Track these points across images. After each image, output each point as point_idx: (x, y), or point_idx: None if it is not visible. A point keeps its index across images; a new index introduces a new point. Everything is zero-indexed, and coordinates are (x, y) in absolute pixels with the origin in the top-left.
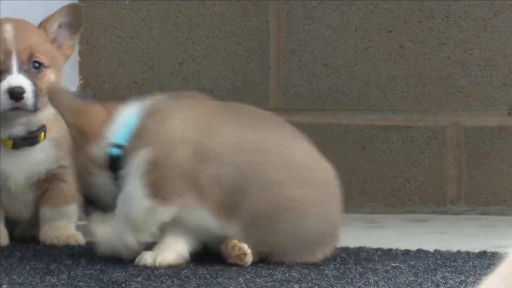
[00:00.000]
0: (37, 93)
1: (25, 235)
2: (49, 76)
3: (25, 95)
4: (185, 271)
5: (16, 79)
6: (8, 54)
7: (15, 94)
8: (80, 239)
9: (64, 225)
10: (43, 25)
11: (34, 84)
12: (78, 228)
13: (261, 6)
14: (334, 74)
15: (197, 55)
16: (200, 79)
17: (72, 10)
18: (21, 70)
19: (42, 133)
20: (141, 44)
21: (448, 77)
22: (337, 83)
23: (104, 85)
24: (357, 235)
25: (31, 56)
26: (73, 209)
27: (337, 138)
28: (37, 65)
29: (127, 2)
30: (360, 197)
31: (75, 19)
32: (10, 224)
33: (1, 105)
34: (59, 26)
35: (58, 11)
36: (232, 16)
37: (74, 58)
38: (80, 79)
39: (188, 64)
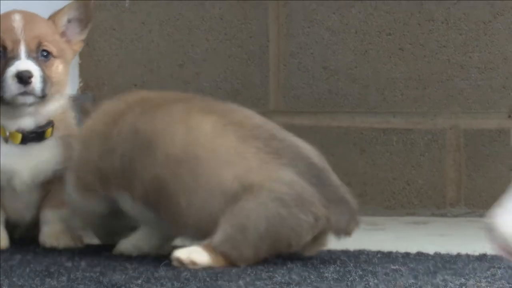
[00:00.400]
0: (45, 80)
1: (25, 237)
2: (58, 66)
3: (33, 79)
4: (185, 273)
5: (24, 64)
6: (16, 42)
7: (23, 78)
8: (80, 242)
9: (65, 228)
10: (52, 18)
11: (42, 71)
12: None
13: (260, 9)
14: (334, 76)
15: (197, 58)
16: (199, 82)
17: (82, 5)
18: (30, 57)
19: (50, 129)
20: (141, 46)
21: (448, 79)
22: (337, 86)
23: (104, 88)
24: (357, 237)
25: (39, 45)
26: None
27: (337, 141)
28: (45, 54)
29: (126, 4)
30: (360, 200)
31: (84, 14)
32: (10, 226)
33: (10, 90)
34: (69, 21)
35: (68, 6)
36: (232, 18)
37: (74, 60)
38: (80, 82)
39: (188, 67)
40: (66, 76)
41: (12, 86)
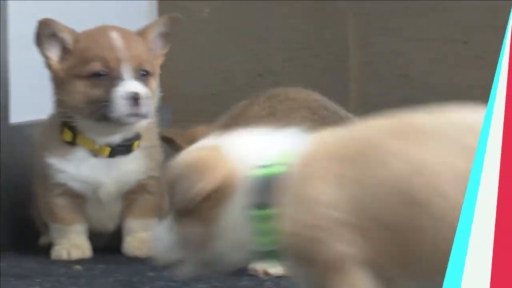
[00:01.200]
0: (149, 100)
1: (108, 247)
2: (152, 83)
3: (142, 101)
4: (268, 283)
5: (134, 85)
6: (119, 61)
7: (135, 99)
8: None
9: (147, 237)
10: (142, 34)
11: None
12: None
13: (337, 18)
14: (410, 85)
15: (274, 67)
16: None
17: (170, 20)
18: (133, 77)
19: (137, 142)
20: (217, 56)
21: None
22: (413, 94)
23: (181, 98)
24: None
25: (140, 64)
26: (156, 221)
27: None
28: (144, 73)
29: (204, 14)
30: None
31: (171, 29)
32: (93, 235)
33: (119, 111)
34: (156, 36)
35: (157, 21)
36: (308, 28)
37: None
38: (160, 92)
39: (266, 76)
40: (156, 92)
41: (122, 107)
